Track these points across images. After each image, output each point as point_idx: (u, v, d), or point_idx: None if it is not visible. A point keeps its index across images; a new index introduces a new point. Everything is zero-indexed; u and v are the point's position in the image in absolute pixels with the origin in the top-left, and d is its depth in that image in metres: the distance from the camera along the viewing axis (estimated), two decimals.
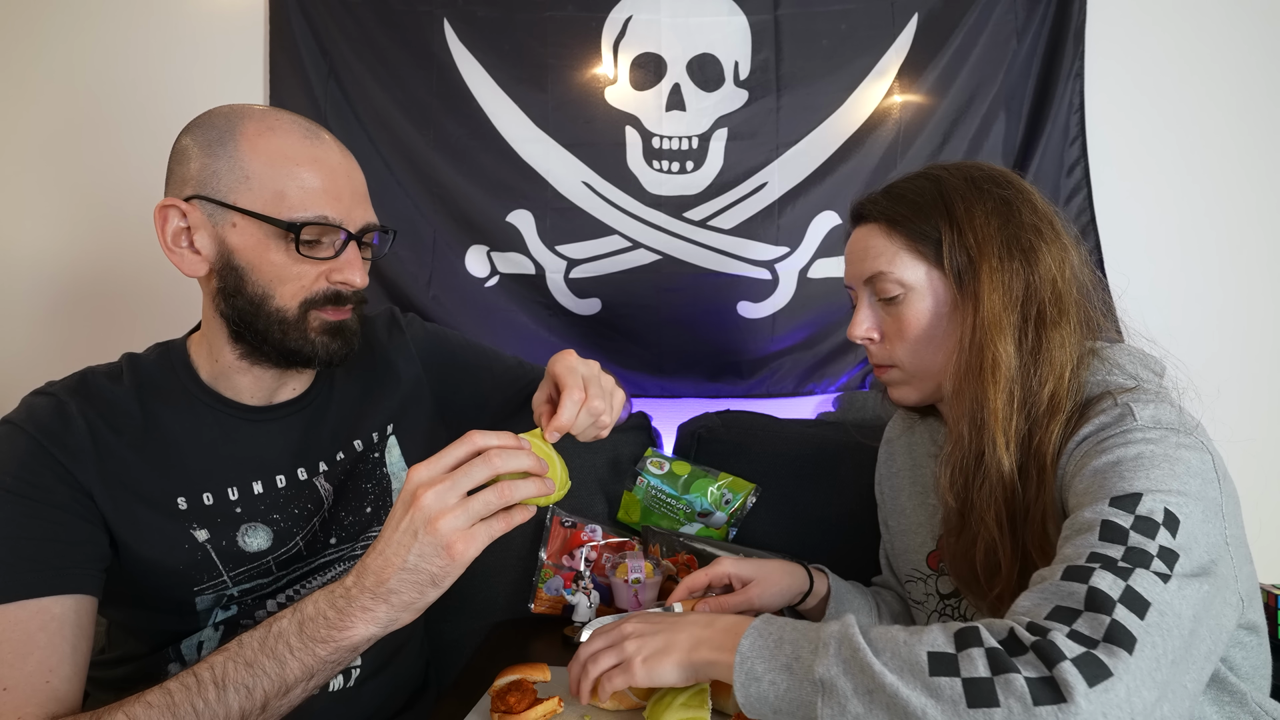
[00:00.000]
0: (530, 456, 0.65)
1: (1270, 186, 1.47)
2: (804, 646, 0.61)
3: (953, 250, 0.79)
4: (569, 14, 1.48)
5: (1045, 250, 0.77)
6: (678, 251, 1.51)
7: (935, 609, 0.90)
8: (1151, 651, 0.53)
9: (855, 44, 1.47)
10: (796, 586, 0.93)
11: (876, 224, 0.85)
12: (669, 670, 0.69)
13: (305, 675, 0.64)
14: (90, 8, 1.53)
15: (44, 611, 0.69)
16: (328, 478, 0.89)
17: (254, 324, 0.79)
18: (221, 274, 0.79)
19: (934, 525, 0.90)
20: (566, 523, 1.18)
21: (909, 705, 0.54)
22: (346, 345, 0.84)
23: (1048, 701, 0.51)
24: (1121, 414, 0.70)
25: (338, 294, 0.81)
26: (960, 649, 0.56)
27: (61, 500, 0.73)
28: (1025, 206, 0.79)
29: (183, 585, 0.79)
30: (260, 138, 0.77)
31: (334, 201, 0.79)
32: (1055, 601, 0.58)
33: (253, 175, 0.77)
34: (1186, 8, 1.47)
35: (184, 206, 0.78)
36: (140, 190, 1.54)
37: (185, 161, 0.79)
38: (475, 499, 0.62)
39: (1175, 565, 0.58)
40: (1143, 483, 0.63)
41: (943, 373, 0.82)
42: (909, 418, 0.99)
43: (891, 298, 0.83)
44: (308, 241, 0.78)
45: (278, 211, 0.76)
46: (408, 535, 0.61)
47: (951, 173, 0.83)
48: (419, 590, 0.62)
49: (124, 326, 1.55)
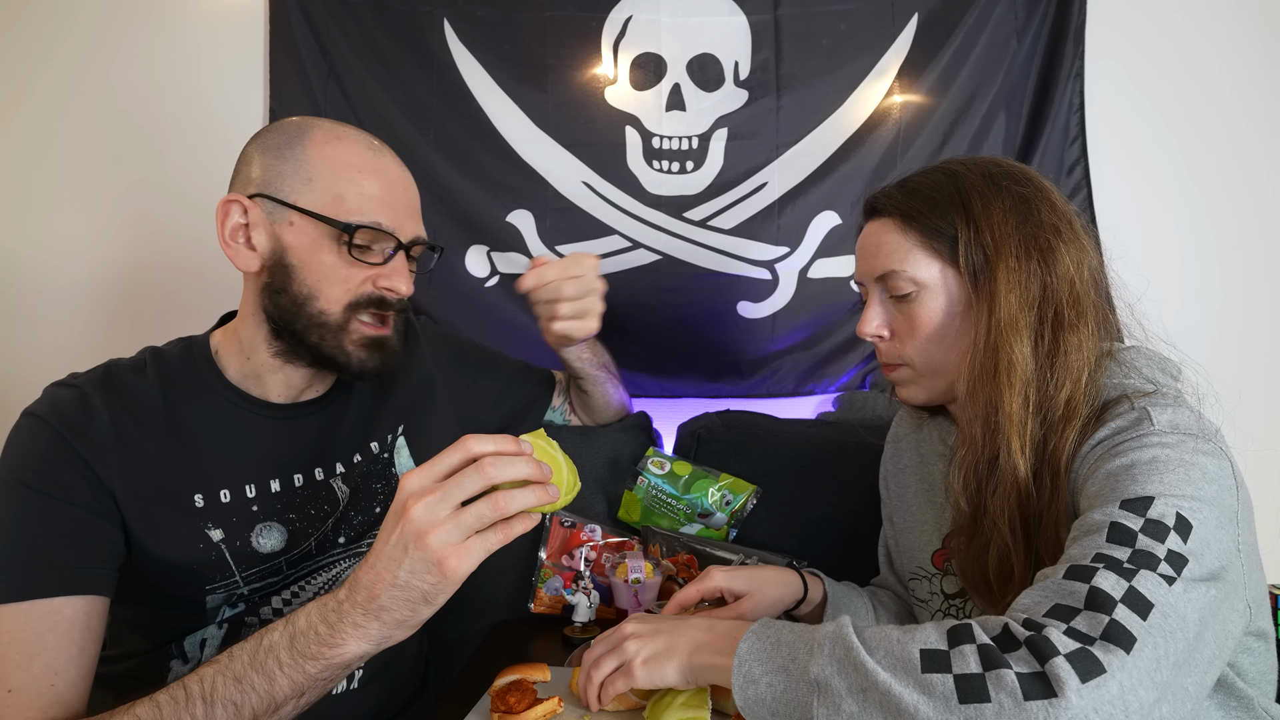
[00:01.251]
0: (529, 463, 0.61)
1: (1270, 186, 1.47)
2: (800, 648, 0.62)
3: (969, 248, 0.76)
4: (569, 14, 1.48)
5: (1064, 250, 0.75)
6: (678, 251, 1.51)
7: (940, 608, 0.89)
8: (1152, 652, 0.53)
9: (855, 44, 1.47)
10: (790, 596, 0.92)
11: (890, 219, 0.82)
12: (670, 673, 0.69)
13: (295, 692, 0.62)
14: (90, 8, 1.52)
15: (55, 612, 0.69)
16: (345, 479, 0.90)
17: (293, 324, 0.81)
18: (272, 270, 0.81)
19: (940, 523, 0.89)
20: (566, 523, 1.18)
21: (901, 702, 0.54)
22: (383, 363, 0.85)
23: (1038, 696, 0.51)
24: (1139, 418, 0.68)
25: (382, 299, 0.82)
26: (952, 646, 0.56)
27: (81, 498, 0.73)
28: (1044, 205, 0.77)
29: (194, 584, 0.79)
30: (327, 144, 0.81)
31: (389, 210, 0.81)
32: (1055, 599, 0.57)
33: (315, 178, 0.79)
34: (1186, 8, 1.47)
35: (246, 203, 0.80)
36: (140, 189, 1.54)
37: (250, 164, 0.82)
38: (467, 511, 0.58)
39: (1183, 569, 0.57)
40: (1156, 487, 0.62)
41: (953, 373, 0.80)
42: (917, 416, 0.98)
43: (903, 295, 0.80)
44: (360, 245, 0.80)
45: (335, 213, 0.79)
46: (398, 550, 0.58)
47: (969, 168, 0.80)
48: (411, 608, 0.60)
49: (128, 325, 1.55)
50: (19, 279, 1.56)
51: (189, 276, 1.51)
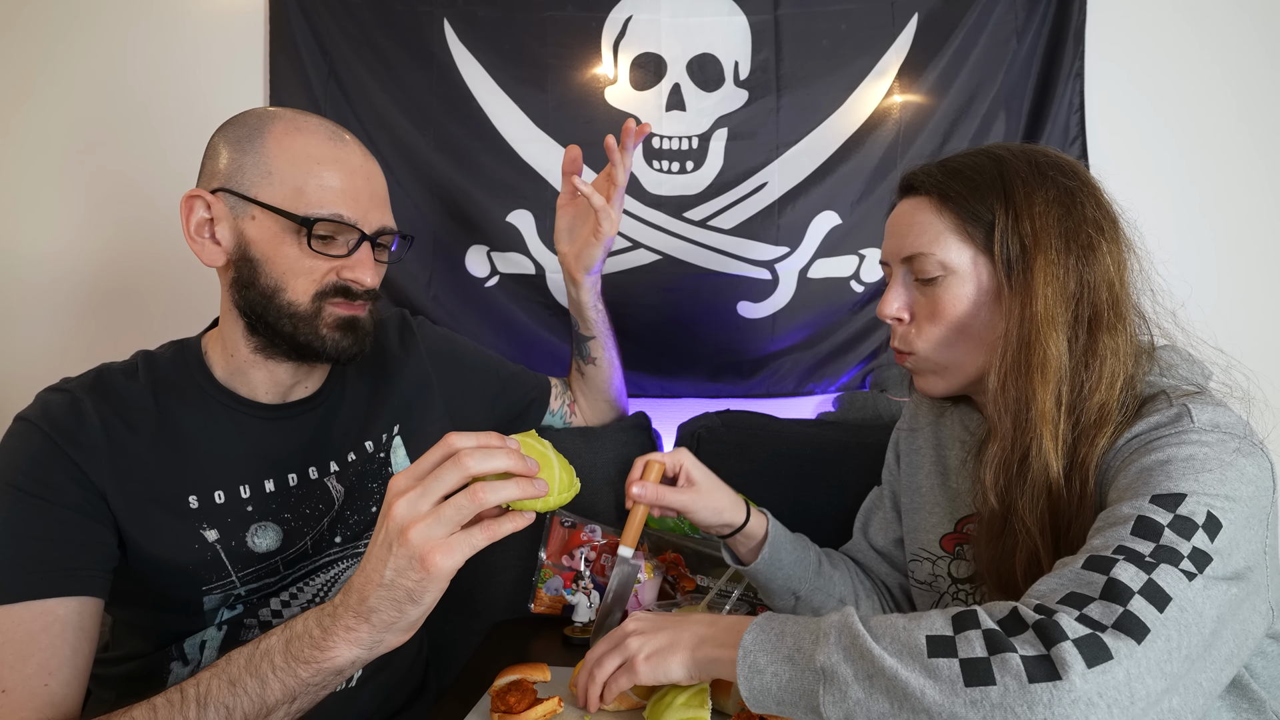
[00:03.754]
0: (509, 455, 0.60)
1: (1270, 186, 1.47)
2: (805, 637, 0.62)
3: (1005, 236, 0.73)
4: (569, 14, 1.48)
5: (1105, 249, 0.72)
6: (678, 251, 1.51)
7: (947, 591, 0.87)
8: (1165, 644, 0.52)
9: (855, 44, 1.47)
10: (730, 515, 0.90)
11: (926, 198, 0.78)
12: (674, 667, 0.69)
13: (287, 697, 0.61)
14: (90, 8, 1.52)
15: (48, 613, 0.69)
16: (339, 478, 0.90)
17: (265, 316, 0.80)
18: (238, 265, 0.81)
19: (953, 509, 0.87)
20: (566, 523, 1.18)
21: (908, 687, 0.54)
22: (358, 343, 0.84)
23: (1043, 679, 0.51)
24: (1178, 414, 0.67)
25: (347, 289, 0.82)
26: (958, 631, 0.56)
27: (73, 500, 0.73)
28: (1089, 201, 0.74)
29: (191, 585, 0.79)
30: (287, 136, 0.80)
31: (351, 202, 0.81)
32: (1071, 587, 0.57)
33: (275, 171, 0.79)
34: (1186, 8, 1.47)
35: (209, 198, 0.80)
36: (141, 189, 1.54)
37: (215, 157, 0.81)
38: (447, 505, 0.57)
39: (1206, 567, 0.56)
40: (1189, 484, 0.60)
41: (972, 366, 0.77)
42: (938, 407, 0.94)
43: (930, 279, 0.77)
44: (321, 237, 0.80)
45: (294, 207, 0.78)
46: (383, 549, 0.58)
47: (1015, 154, 0.77)
48: (398, 608, 0.59)
49: (128, 325, 1.55)
50: (19, 279, 1.56)
51: (189, 277, 1.51)
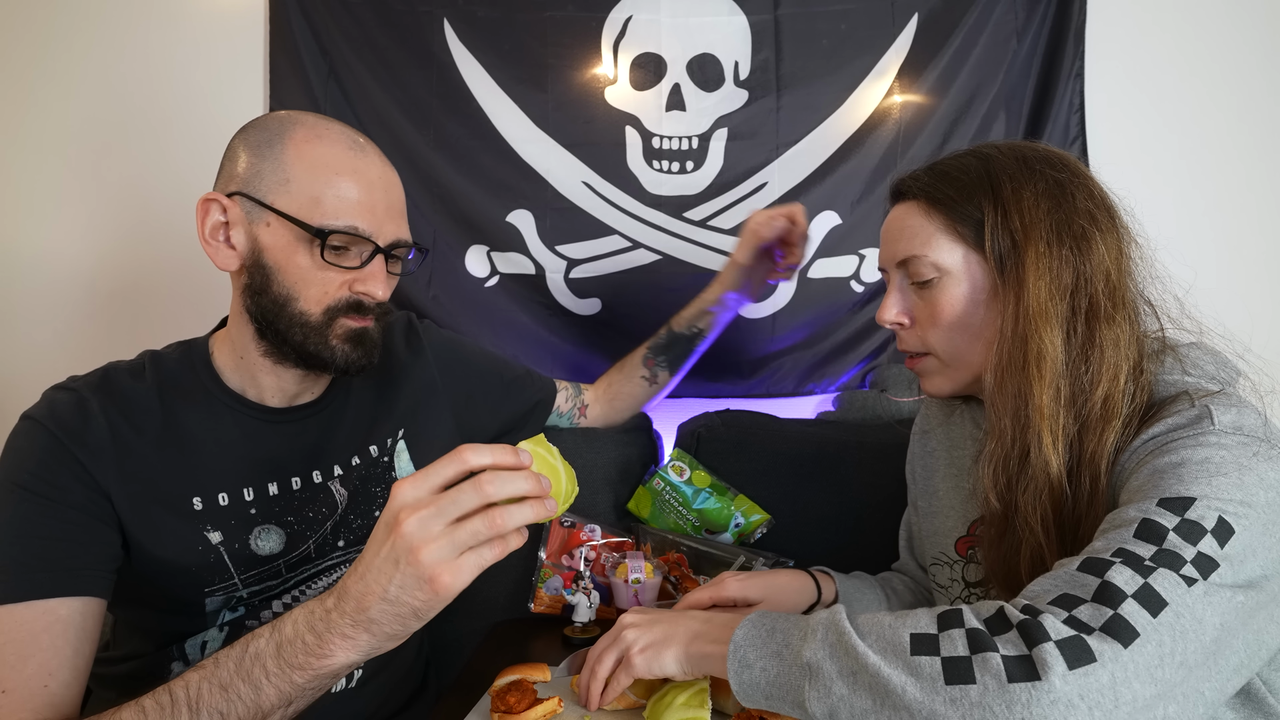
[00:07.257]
0: (528, 478, 0.59)
1: (1270, 186, 1.47)
2: (793, 634, 0.63)
3: (995, 232, 0.73)
4: (569, 14, 1.48)
5: (1099, 239, 0.71)
6: (678, 251, 1.51)
7: (960, 595, 0.86)
8: (1155, 649, 0.52)
9: (855, 44, 1.47)
10: (804, 601, 0.91)
11: (916, 202, 0.79)
12: (668, 662, 0.70)
13: (282, 701, 0.61)
14: (90, 9, 1.52)
15: (50, 613, 0.69)
16: (343, 482, 0.89)
17: (275, 324, 0.80)
18: (250, 270, 0.80)
19: (968, 511, 0.87)
20: (566, 523, 1.18)
21: (889, 684, 0.55)
22: (367, 356, 0.84)
23: (1022, 679, 0.51)
24: (1199, 415, 0.65)
25: (359, 303, 0.82)
26: (942, 629, 0.57)
27: (77, 500, 0.73)
28: (1080, 191, 0.73)
29: (193, 586, 0.80)
30: (306, 144, 0.79)
31: (367, 214, 0.80)
32: (1064, 589, 0.57)
33: (293, 179, 0.78)
34: (1186, 8, 1.47)
35: (225, 202, 0.80)
36: (141, 189, 1.54)
37: (234, 160, 0.81)
38: (462, 528, 0.56)
39: (1211, 573, 0.55)
40: (1201, 488, 0.59)
41: (978, 363, 0.77)
42: (947, 406, 0.94)
43: (925, 281, 0.77)
44: (335, 248, 0.79)
45: (310, 217, 0.78)
46: (389, 564, 0.56)
47: (1003, 151, 0.77)
48: (400, 622, 0.58)
49: (128, 325, 1.55)
50: (19, 279, 1.56)
51: (189, 277, 1.51)
